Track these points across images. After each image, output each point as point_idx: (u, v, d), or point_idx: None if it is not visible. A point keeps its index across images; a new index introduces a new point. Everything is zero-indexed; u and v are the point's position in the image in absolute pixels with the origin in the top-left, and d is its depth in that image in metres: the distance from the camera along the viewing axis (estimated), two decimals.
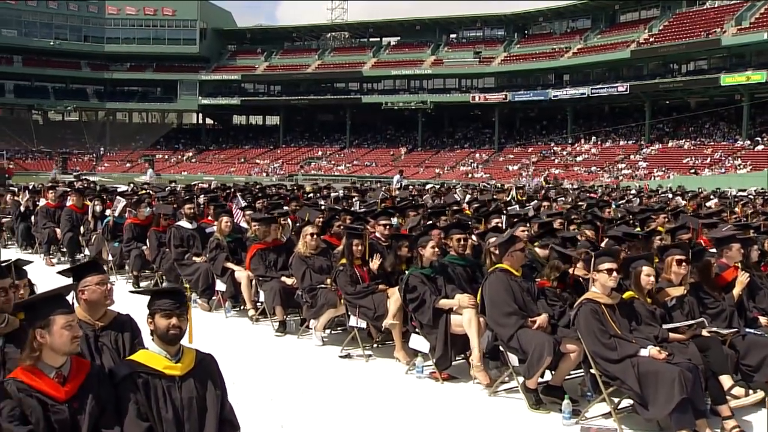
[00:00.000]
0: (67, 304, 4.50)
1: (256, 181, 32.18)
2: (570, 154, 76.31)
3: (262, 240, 11.14)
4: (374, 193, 21.63)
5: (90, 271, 5.36)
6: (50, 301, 4.38)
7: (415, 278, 8.51)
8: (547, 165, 73.81)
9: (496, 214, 11.15)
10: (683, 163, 65.46)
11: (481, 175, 74.95)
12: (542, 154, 78.06)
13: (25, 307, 4.49)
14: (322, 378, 8.74)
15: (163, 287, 4.86)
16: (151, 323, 4.71)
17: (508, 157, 79.66)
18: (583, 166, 72.07)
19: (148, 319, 4.74)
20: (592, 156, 74.53)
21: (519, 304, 7.63)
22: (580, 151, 76.35)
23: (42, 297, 4.45)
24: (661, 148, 71.19)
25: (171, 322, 4.63)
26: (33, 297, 4.57)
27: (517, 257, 7.84)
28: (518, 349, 7.45)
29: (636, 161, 69.73)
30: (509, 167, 76.15)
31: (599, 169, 70.29)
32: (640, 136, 74.67)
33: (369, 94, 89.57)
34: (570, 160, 74.76)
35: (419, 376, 8.56)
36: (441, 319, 8.30)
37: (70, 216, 16.34)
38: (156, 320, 4.66)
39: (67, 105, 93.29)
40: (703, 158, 65.53)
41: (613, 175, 66.82)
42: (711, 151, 66.31)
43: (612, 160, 71.51)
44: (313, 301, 9.83)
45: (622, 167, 69.19)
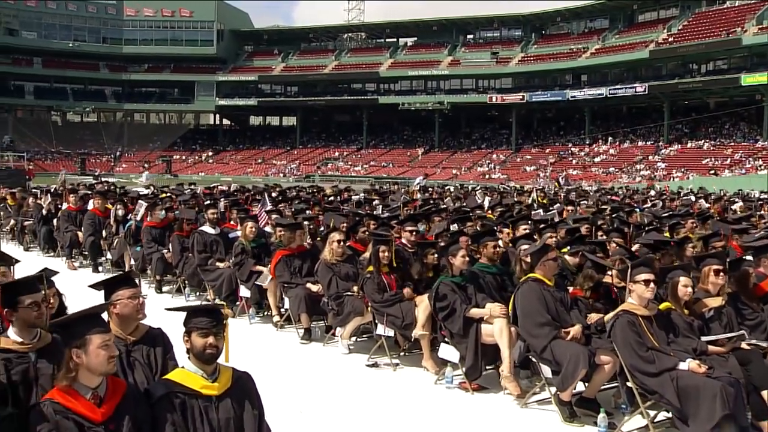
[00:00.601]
0: (103, 322, 4.40)
1: (276, 183, 32.09)
2: (588, 155, 75.95)
3: (287, 246, 11.03)
4: (395, 196, 21.48)
5: (122, 284, 5.25)
6: (86, 320, 4.28)
7: (445, 286, 8.38)
8: (564, 166, 73.46)
9: (524, 221, 10.99)
10: (702, 164, 64.94)
11: (499, 176, 74.71)
12: (560, 155, 77.71)
13: (60, 327, 4.39)
14: (350, 388, 8.63)
15: (200, 305, 4.73)
16: (187, 341, 4.59)
17: (525, 158, 79.41)
18: (600, 167, 71.69)
19: (184, 337, 4.62)
20: (610, 157, 74.13)
21: (552, 314, 7.49)
22: (597, 152, 75.98)
23: (78, 316, 4.34)
24: (679, 149, 70.72)
25: (208, 341, 4.52)
26: (69, 316, 4.46)
27: (549, 266, 7.70)
28: (552, 361, 7.30)
29: (654, 162, 69.29)
30: (526, 168, 75.91)
31: (617, 170, 69.91)
32: (659, 137, 74.20)
33: (386, 95, 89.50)
34: (588, 161, 74.40)
35: (449, 386, 8.42)
36: (471, 328, 8.17)
37: (92, 220, 16.30)
38: (192, 339, 4.55)
39: (86, 106, 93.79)
40: (722, 159, 65.02)
41: (632, 176, 66.45)
42: (731, 152, 65.79)
43: (630, 161, 71.10)
44: (339, 309, 9.71)
45: (640, 168, 68.77)
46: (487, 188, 37.79)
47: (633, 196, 28.76)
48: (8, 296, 4.85)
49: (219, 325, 4.57)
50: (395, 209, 15.58)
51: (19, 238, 20.44)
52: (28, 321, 4.81)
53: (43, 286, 4.98)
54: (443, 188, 34.86)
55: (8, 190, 23.70)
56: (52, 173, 71.26)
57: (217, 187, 27.63)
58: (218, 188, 27.43)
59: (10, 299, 4.83)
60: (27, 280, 4.94)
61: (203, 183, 62.27)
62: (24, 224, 19.95)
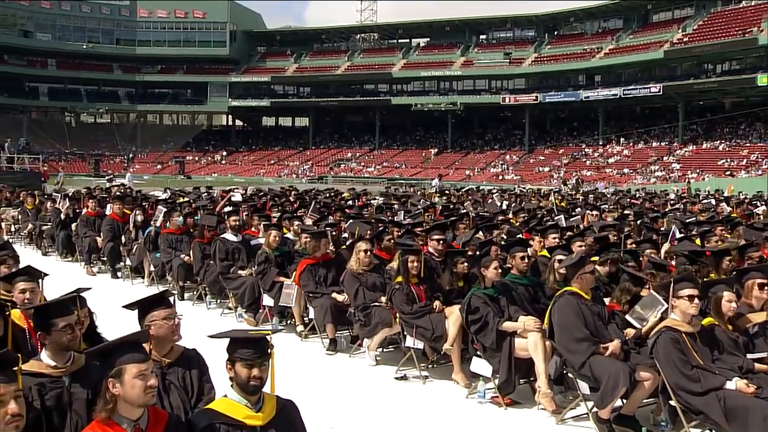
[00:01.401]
0: (141, 349, 4.21)
1: (291, 185, 31.93)
2: (602, 156, 75.55)
3: (311, 255, 10.86)
4: (414, 200, 21.28)
5: (157, 305, 5.08)
6: (122, 348, 4.11)
7: (477, 299, 8.20)
8: (578, 167, 73.11)
9: (553, 229, 10.78)
10: (718, 164, 64.46)
11: (512, 177, 74.43)
12: (573, 155, 77.34)
13: (96, 355, 4.21)
14: (379, 402, 8.46)
15: (246, 335, 4.52)
16: (230, 370, 4.39)
17: (538, 159, 79.11)
18: (615, 168, 71.31)
19: (227, 365, 4.43)
20: (624, 158, 73.75)
21: (590, 329, 7.28)
22: (611, 153, 75.59)
23: (114, 344, 4.17)
24: (694, 150, 70.27)
25: (252, 372, 4.32)
26: (104, 345, 4.27)
27: (587, 280, 7.50)
28: (590, 377, 7.10)
29: (669, 163, 68.86)
30: (540, 169, 75.62)
31: (631, 171, 69.52)
32: (673, 138, 73.73)
33: (398, 96, 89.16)
34: (602, 162, 74.02)
35: (481, 401, 8.24)
36: (505, 342, 8.00)
37: (111, 225, 16.21)
38: (236, 369, 4.35)
39: (99, 107, 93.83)
40: (738, 160, 64.55)
41: (646, 177, 66.07)
42: (747, 153, 65.32)
43: (644, 161, 70.68)
44: (366, 320, 9.54)
45: (654, 169, 68.37)
46: (503, 190, 37.48)
47: (653, 199, 28.44)
48: (41, 319, 4.70)
49: (264, 356, 4.38)
50: (417, 215, 15.40)
51: (37, 242, 20.35)
52: (61, 344, 4.66)
53: (76, 308, 4.82)
54: (460, 190, 34.56)
55: (26, 193, 23.56)
56: (67, 174, 71.57)
57: (232, 191, 27.43)
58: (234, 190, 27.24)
59: (43, 322, 4.69)
60: (60, 301, 4.78)
61: (216, 184, 62.42)
62: (42, 228, 19.87)
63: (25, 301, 6.30)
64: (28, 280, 6.41)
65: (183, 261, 13.51)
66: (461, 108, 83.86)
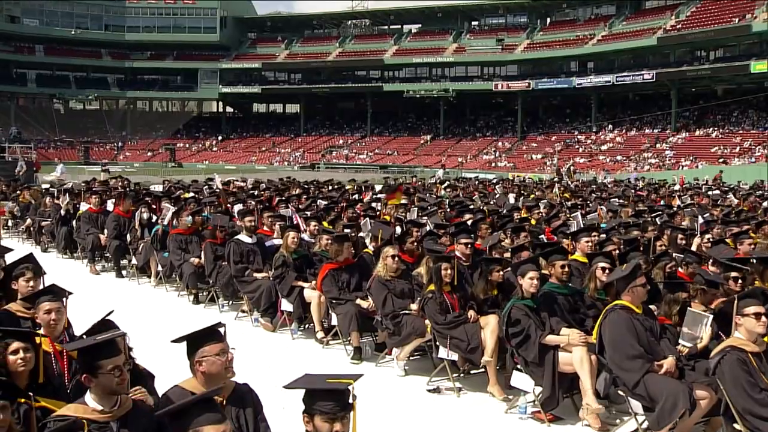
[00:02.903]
0: (217, 408, 3.82)
1: (290, 177, 31.47)
2: (594, 143, 75.33)
3: (333, 259, 10.48)
4: (422, 195, 20.86)
5: (208, 339, 4.66)
6: (197, 409, 3.72)
7: (518, 311, 7.84)
8: (571, 154, 72.90)
9: (586, 233, 10.39)
10: (711, 152, 64.34)
11: (505, 164, 74.23)
12: (566, 142, 77.11)
13: (168, 416, 3.81)
14: (412, 415, 8.10)
15: (326, 385, 4.10)
16: (308, 423, 4.00)
17: (531, 146, 78.84)
18: (608, 155, 71.10)
19: (304, 417, 4.03)
20: (617, 145, 73.57)
21: (643, 345, 6.91)
22: (604, 140, 75.39)
23: (188, 404, 3.77)
24: (687, 137, 70.14)
25: (334, 427, 3.94)
26: (178, 405, 3.84)
27: (638, 293, 7.12)
28: (645, 397, 6.76)
29: (662, 150, 68.72)
30: (533, 156, 75.36)
31: (625, 158, 69.31)
32: (666, 125, 73.60)
33: (390, 82, 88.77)
34: (594, 149, 73.80)
35: (522, 417, 7.89)
36: (548, 356, 7.65)
37: (116, 222, 15.76)
38: (315, 422, 3.95)
39: (89, 94, 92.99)
40: (732, 147, 64.42)
41: (640, 165, 65.88)
42: (740, 140, 65.22)
43: (638, 149, 70.53)
44: (396, 329, 9.17)
45: (648, 156, 68.19)
46: (503, 180, 37.15)
47: (658, 190, 28.14)
48: (87, 360, 4.31)
49: (347, 408, 3.99)
50: (432, 213, 15.01)
51: (36, 238, 19.88)
52: (109, 388, 4.28)
53: (125, 350, 4.43)
54: (464, 181, 34.18)
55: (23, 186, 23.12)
56: (56, 162, 70.80)
57: (233, 183, 26.99)
58: (234, 183, 26.78)
59: (88, 364, 4.29)
60: (108, 342, 4.37)
61: (208, 171, 61.84)
62: (41, 224, 19.39)
63: (51, 322, 5.94)
64: (53, 300, 6.04)
65: (194, 267, 13.07)
66: (453, 95, 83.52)
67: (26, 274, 6.94)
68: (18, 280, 6.95)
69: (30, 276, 6.94)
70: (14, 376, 4.97)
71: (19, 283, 6.95)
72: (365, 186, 26.97)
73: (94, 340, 4.35)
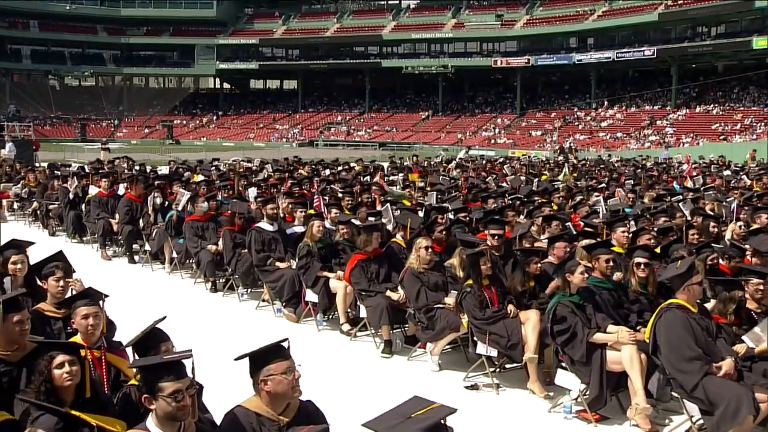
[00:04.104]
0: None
1: (297, 157, 31.07)
2: (594, 120, 74.96)
3: (362, 249, 10.19)
4: (434, 178, 20.54)
5: (274, 356, 4.36)
6: None
7: (563, 308, 7.57)
8: (570, 131, 72.59)
9: (621, 222, 10.12)
10: (712, 129, 64.04)
11: (504, 141, 73.92)
12: (565, 119, 76.77)
13: None
14: (453, 417, 7.81)
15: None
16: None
17: (530, 123, 78.49)
18: (608, 132, 70.76)
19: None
20: (617, 121, 73.22)
21: (701, 346, 6.64)
22: (604, 117, 75.01)
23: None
24: (688, 114, 69.81)
25: None
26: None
27: (694, 291, 6.85)
28: (704, 400, 6.50)
29: (663, 127, 68.38)
30: (532, 132, 75.00)
31: (625, 135, 69.00)
32: (666, 101, 73.23)
33: (388, 58, 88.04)
34: (594, 126, 73.45)
35: (567, 417, 7.65)
36: (595, 354, 7.39)
37: (128, 207, 15.41)
38: None
39: (84, 70, 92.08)
40: (732, 124, 64.13)
41: (640, 142, 65.59)
42: (741, 117, 64.91)
43: (638, 125, 70.19)
44: (430, 323, 8.91)
45: (648, 133, 67.87)
46: (509, 159, 36.83)
47: (669, 170, 27.83)
48: (149, 379, 4.03)
49: None
50: (453, 198, 14.70)
51: (44, 221, 19.55)
52: (168, 413, 4.00)
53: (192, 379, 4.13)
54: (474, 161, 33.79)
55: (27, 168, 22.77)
56: (53, 139, 70.36)
57: (239, 163, 26.67)
58: (240, 163, 26.47)
59: (150, 384, 4.02)
60: (172, 362, 4.08)
61: (206, 149, 61.51)
62: (49, 207, 19.06)
63: (89, 328, 5.66)
64: (90, 304, 5.75)
65: (212, 255, 12.77)
66: (452, 71, 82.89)
67: (56, 273, 6.68)
68: (48, 279, 6.68)
69: (60, 275, 6.68)
70: (60, 391, 4.72)
71: (49, 283, 6.69)
72: (374, 166, 26.64)
73: (160, 359, 4.07)
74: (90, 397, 4.82)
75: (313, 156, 46.67)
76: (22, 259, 7.36)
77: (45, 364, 4.69)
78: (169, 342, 5.20)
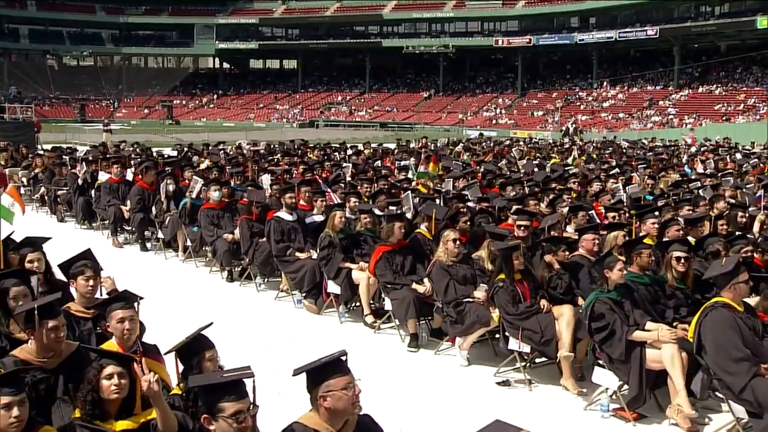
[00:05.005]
0: None
1: (303, 140, 30.77)
2: (596, 100, 74.61)
3: (386, 240, 10.00)
4: (447, 162, 20.29)
5: (334, 371, 4.15)
6: None
7: (602, 304, 7.39)
8: (572, 111, 72.23)
9: (651, 214, 9.93)
10: (715, 109, 63.73)
11: (506, 122, 73.62)
12: (567, 99, 76.39)
13: None
14: (484, 411, 7.61)
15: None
16: None
17: (531, 103, 78.13)
18: (610, 113, 70.45)
19: None
20: (619, 102, 72.88)
21: (749, 346, 6.48)
22: (606, 97, 74.65)
23: None
24: (690, 94, 69.49)
25: None
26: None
27: (741, 290, 6.66)
28: (753, 402, 6.34)
29: (665, 107, 68.06)
30: (533, 113, 74.67)
31: (627, 115, 68.71)
32: (668, 81, 72.86)
33: (389, 38, 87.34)
34: (596, 106, 73.12)
35: (604, 415, 7.49)
36: (634, 353, 7.22)
37: (140, 195, 15.16)
38: None
39: (83, 50, 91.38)
40: (735, 104, 63.85)
41: (643, 123, 65.32)
42: (744, 97, 64.62)
43: (640, 106, 69.88)
44: (459, 317, 8.73)
45: (650, 114, 67.58)
46: (516, 141, 36.54)
47: (679, 154, 27.59)
48: (209, 399, 3.85)
49: None
50: (471, 185, 14.48)
51: (52, 207, 19.33)
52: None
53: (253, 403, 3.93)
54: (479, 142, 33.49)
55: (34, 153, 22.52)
56: (52, 120, 69.84)
57: (251, 145, 26.43)
58: (249, 148, 26.22)
59: (210, 404, 3.84)
60: (234, 382, 3.89)
61: (206, 129, 61.19)
62: (57, 193, 18.84)
63: (125, 332, 5.47)
64: (126, 307, 5.56)
65: (228, 244, 12.58)
66: (453, 51, 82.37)
67: (85, 272, 6.45)
68: (77, 278, 6.47)
69: (90, 274, 6.45)
70: (105, 403, 4.56)
71: (77, 282, 6.47)
72: (383, 150, 26.39)
73: (222, 378, 3.89)
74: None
75: (315, 136, 46.58)
76: (39, 256, 7.19)
77: (94, 372, 4.54)
78: (213, 350, 5.03)
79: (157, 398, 4.49)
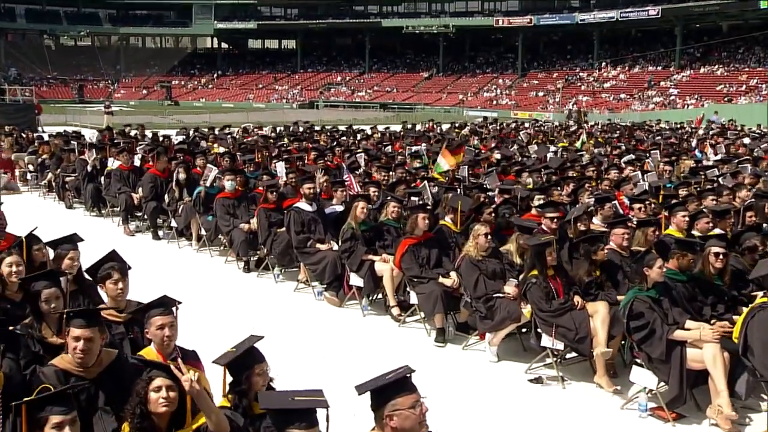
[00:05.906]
0: None
1: (308, 123, 30.49)
2: (597, 80, 74.30)
3: (411, 233, 9.83)
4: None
5: (400, 390, 4.00)
6: None
7: (641, 303, 7.24)
8: (573, 92, 71.95)
9: (682, 207, 9.74)
10: (717, 90, 63.46)
11: (506, 102, 73.33)
12: (567, 79, 76.07)
13: None
14: (515, 409, 7.52)
15: None
16: None
17: (532, 83, 77.82)
18: (611, 93, 70.17)
19: None
20: (620, 82, 72.57)
21: None
22: (607, 77, 74.36)
23: None
24: (692, 75, 69.19)
25: None
26: None
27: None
28: None
29: (666, 88, 67.79)
30: (534, 93, 74.36)
31: (628, 96, 68.44)
32: (670, 62, 72.54)
33: (389, 18, 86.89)
34: (597, 87, 72.82)
35: (642, 415, 7.35)
36: (675, 352, 7.08)
37: (153, 183, 14.96)
38: None
39: (80, 30, 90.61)
40: (738, 85, 63.58)
41: (644, 104, 65.09)
42: (746, 78, 64.37)
43: (641, 87, 69.59)
44: (489, 313, 8.58)
45: (652, 94, 67.31)
46: (522, 124, 36.26)
47: (688, 138, 27.37)
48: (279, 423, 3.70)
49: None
50: (489, 173, 14.29)
51: (60, 194, 19.09)
52: None
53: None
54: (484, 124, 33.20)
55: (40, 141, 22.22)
56: (50, 101, 69.34)
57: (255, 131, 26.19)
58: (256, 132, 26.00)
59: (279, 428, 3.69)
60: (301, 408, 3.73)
61: (205, 110, 60.82)
62: (66, 180, 18.62)
63: (165, 339, 5.32)
64: (165, 313, 5.39)
65: (245, 234, 12.39)
66: (453, 30, 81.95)
67: (113, 276, 6.24)
68: (105, 282, 6.28)
69: (118, 277, 6.24)
70: (154, 416, 4.42)
71: (107, 286, 6.28)
72: (393, 135, 26.12)
73: (295, 404, 3.73)
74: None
75: (316, 117, 46.30)
76: (78, 255, 7.03)
77: (143, 385, 4.40)
78: (264, 363, 4.90)
79: (201, 397, 4.41)
